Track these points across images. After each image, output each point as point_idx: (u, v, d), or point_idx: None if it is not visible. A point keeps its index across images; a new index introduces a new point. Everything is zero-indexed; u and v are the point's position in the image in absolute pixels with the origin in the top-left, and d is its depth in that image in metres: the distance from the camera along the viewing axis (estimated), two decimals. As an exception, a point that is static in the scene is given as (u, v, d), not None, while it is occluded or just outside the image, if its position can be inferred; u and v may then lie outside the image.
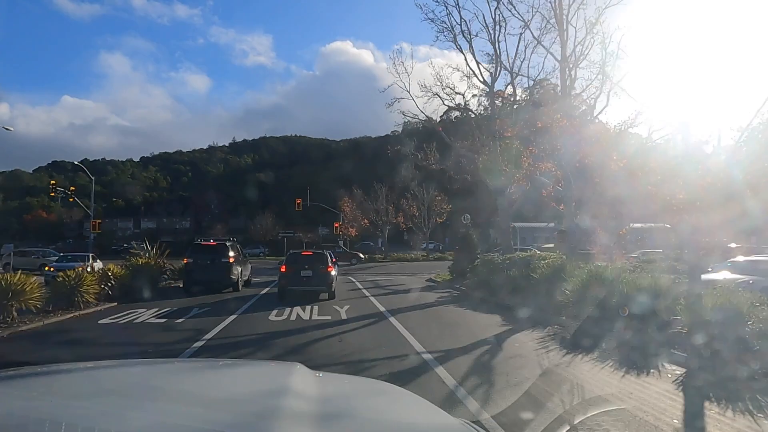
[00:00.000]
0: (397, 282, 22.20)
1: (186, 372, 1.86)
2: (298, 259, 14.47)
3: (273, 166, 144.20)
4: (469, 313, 11.94)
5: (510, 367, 6.50)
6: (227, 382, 1.70)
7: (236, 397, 1.42)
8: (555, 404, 4.81)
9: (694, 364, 6.31)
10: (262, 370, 1.98)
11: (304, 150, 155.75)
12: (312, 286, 13.93)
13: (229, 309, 12.28)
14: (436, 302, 14.26)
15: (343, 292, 16.64)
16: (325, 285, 13.94)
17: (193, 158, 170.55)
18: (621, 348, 7.27)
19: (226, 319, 10.56)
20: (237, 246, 18.50)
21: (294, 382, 1.52)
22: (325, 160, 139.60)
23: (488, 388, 5.58)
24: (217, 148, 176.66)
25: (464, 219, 21.76)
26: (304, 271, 13.88)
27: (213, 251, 16.78)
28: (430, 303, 14.06)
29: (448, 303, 14.03)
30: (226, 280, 16.44)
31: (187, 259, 16.74)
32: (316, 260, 14.28)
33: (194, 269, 16.29)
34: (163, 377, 1.70)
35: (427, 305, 13.50)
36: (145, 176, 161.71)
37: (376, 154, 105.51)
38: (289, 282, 13.87)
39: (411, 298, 15.02)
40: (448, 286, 19.05)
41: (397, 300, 14.70)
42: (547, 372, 6.21)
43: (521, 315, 10.36)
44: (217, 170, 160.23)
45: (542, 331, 9.06)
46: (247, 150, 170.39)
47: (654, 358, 6.64)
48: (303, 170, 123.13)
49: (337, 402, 1.45)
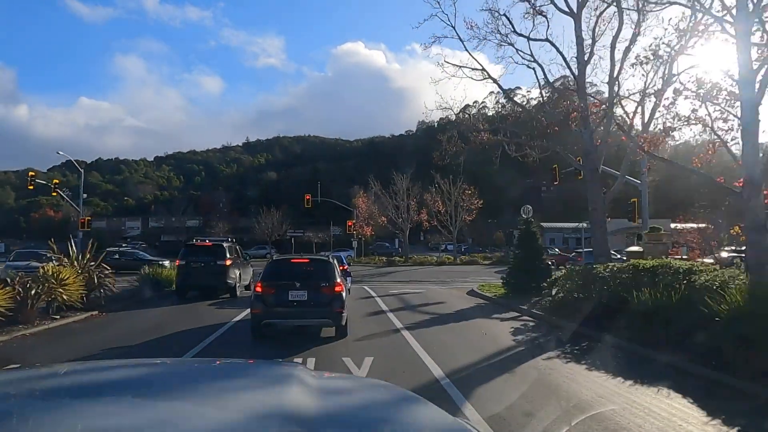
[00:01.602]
0: (433, 297, 16.38)
1: (186, 372, 1.82)
2: (285, 270, 8.75)
3: (286, 166, 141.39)
4: (620, 387, 6.00)
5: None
6: (227, 382, 1.65)
7: (236, 398, 1.38)
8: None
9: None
10: (262, 371, 1.87)
11: (317, 149, 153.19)
12: (307, 317, 8.24)
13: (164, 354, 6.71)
14: (522, 347, 8.34)
15: (359, 319, 10.95)
16: (331, 315, 8.22)
17: (206, 158, 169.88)
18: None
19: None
20: (236, 247, 17.01)
21: (294, 383, 1.47)
22: (339, 159, 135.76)
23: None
24: (230, 148, 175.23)
25: (525, 211, 15.81)
26: (294, 292, 8.12)
27: (208, 252, 15.39)
28: (512, 350, 8.12)
29: (543, 349, 8.12)
30: (221, 285, 14.93)
31: (179, 261, 15.43)
32: (314, 272, 8.55)
33: (187, 272, 14.97)
34: (162, 377, 1.66)
35: (512, 356, 7.57)
36: (158, 176, 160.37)
37: (392, 153, 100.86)
38: (269, 310, 8.14)
39: (474, 336, 9.17)
40: (511, 307, 13.16)
41: (452, 340, 8.89)
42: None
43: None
44: (230, 170, 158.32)
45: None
46: (260, 150, 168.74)
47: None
48: (316, 168, 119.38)
49: (337, 402, 1.44)
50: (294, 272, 8.48)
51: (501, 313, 12.49)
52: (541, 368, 6.81)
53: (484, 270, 33.91)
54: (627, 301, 8.59)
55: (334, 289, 8.20)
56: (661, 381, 5.89)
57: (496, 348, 8.17)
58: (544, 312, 11.65)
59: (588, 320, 9.52)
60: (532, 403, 5.17)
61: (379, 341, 8.58)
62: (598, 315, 9.43)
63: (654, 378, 6.05)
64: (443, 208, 41.37)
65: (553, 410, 4.93)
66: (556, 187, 68.16)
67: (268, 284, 8.19)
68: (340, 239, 55.29)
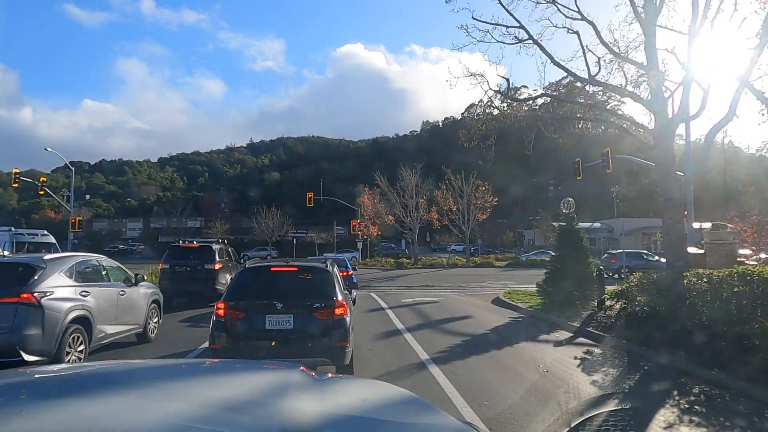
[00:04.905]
0: (454, 309, 13.71)
1: (186, 372, 1.82)
2: (261, 283, 5.90)
3: (290, 166, 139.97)
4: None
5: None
6: (226, 382, 1.60)
7: (235, 398, 1.36)
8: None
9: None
10: (262, 371, 1.84)
11: (321, 150, 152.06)
12: (293, 355, 5.11)
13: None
14: (612, 398, 5.61)
15: (368, 344, 8.34)
16: (329, 351, 5.41)
17: (210, 159, 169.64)
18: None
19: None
20: (227, 249, 15.55)
21: (294, 384, 1.49)
22: (343, 159, 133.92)
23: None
24: (234, 149, 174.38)
25: (566, 205, 13.09)
26: (273, 317, 5.39)
27: (195, 256, 13.93)
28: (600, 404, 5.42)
29: (644, 399, 5.43)
30: (210, 292, 13.14)
31: (162, 264, 14.09)
32: (305, 287, 5.75)
33: (171, 277, 13.49)
34: (162, 378, 1.62)
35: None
36: (161, 177, 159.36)
37: (396, 153, 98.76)
38: (235, 346, 5.33)
39: (531, 374, 6.45)
40: (557, 325, 10.47)
41: (501, 383, 6.25)
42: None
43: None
44: (234, 171, 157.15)
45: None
46: (264, 150, 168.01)
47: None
48: (320, 168, 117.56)
49: (337, 403, 1.43)
50: (274, 287, 5.73)
51: (547, 332, 9.80)
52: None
53: (500, 273, 31.23)
54: (755, 329, 5.91)
55: (334, 312, 5.50)
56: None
57: (570, 397, 5.52)
58: (606, 333, 8.96)
59: (687, 351, 6.85)
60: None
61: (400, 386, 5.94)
62: (700, 344, 6.77)
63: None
64: (455, 206, 38.57)
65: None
66: (563, 186, 65.33)
67: (235, 305, 5.50)
68: (344, 240, 52.68)
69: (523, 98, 12.11)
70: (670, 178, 9.30)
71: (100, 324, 6.86)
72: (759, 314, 5.85)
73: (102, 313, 6.91)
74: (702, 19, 9.07)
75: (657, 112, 9.47)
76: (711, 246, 12.46)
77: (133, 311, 7.92)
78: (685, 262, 9.44)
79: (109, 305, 7.18)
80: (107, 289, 7.31)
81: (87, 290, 6.74)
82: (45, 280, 6.15)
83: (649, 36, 9.55)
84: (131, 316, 7.83)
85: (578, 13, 10.75)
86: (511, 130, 13.75)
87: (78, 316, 6.35)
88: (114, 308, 7.31)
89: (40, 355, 5.77)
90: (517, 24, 10.74)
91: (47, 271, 6.26)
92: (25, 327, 5.70)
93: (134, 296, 8.00)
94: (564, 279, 12.30)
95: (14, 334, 5.63)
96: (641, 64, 10.00)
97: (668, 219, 9.42)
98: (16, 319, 5.70)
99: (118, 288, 7.61)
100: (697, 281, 7.68)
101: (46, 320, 5.86)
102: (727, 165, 33.83)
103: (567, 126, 12.13)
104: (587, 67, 11.17)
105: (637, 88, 10.77)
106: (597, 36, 10.60)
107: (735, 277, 7.37)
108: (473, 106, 17.23)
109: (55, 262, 6.55)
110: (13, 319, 5.69)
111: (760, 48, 8.48)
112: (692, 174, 10.62)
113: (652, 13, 9.50)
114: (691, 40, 9.11)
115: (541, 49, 10.76)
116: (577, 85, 12.39)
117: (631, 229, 44.80)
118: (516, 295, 15.43)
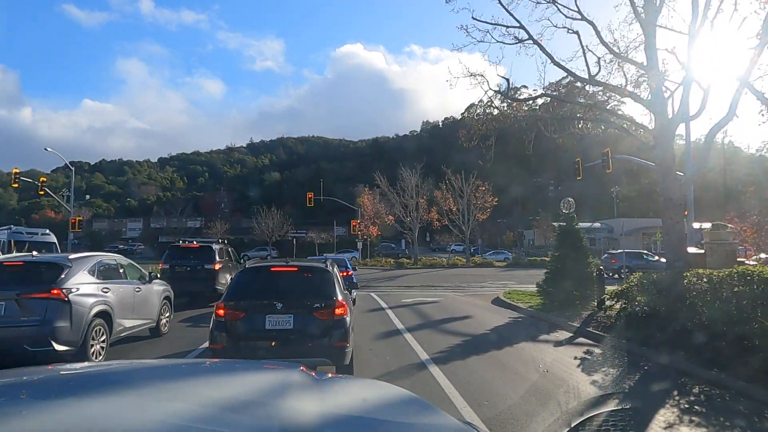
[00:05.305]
0: (454, 309, 13.72)
1: (187, 372, 1.80)
2: (261, 283, 5.87)
3: (290, 166, 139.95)
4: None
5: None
6: (226, 382, 1.60)
7: (235, 398, 1.36)
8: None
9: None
10: (262, 371, 1.83)
11: (321, 150, 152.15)
12: (294, 355, 5.12)
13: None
14: (612, 398, 5.61)
15: (368, 344, 8.34)
16: (330, 351, 5.40)
17: (210, 159, 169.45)
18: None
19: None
20: (227, 249, 15.52)
21: (294, 384, 1.48)
22: (343, 159, 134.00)
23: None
24: (234, 149, 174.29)
25: (566, 205, 13.09)
26: (273, 317, 5.43)
27: (195, 256, 13.96)
28: (601, 404, 5.42)
29: (644, 398, 5.43)
30: (209, 292, 13.14)
31: (162, 264, 13.96)
32: (305, 287, 5.78)
33: (171, 277, 12.76)
34: (163, 378, 1.61)
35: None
36: (161, 177, 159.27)
37: (396, 153, 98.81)
38: (236, 346, 5.35)
39: (531, 374, 6.45)
40: (557, 325, 10.48)
41: (501, 382, 6.25)
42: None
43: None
44: (234, 171, 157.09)
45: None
46: (264, 150, 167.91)
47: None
48: (320, 168, 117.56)
49: (337, 403, 1.43)
50: (274, 287, 5.76)
51: (547, 333, 9.80)
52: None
53: (500, 273, 31.24)
54: (755, 329, 5.92)
55: (334, 312, 5.51)
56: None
57: (570, 397, 5.53)
58: (606, 333, 8.96)
59: (687, 351, 6.85)
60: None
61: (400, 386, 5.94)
62: (700, 344, 6.78)
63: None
64: (455, 207, 38.58)
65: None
66: (564, 186, 65.25)
67: (235, 305, 5.52)
68: (345, 240, 52.69)
69: (523, 98, 12.15)
70: (670, 178, 9.30)
71: (119, 318, 7.34)
72: (759, 314, 5.85)
73: (121, 308, 7.38)
74: (702, 19, 9.07)
75: (657, 112, 9.47)
76: (711, 246, 12.45)
77: (148, 306, 8.38)
78: (685, 262, 9.44)
79: (126, 301, 7.65)
80: (125, 286, 7.76)
81: (107, 287, 7.21)
82: (71, 277, 6.57)
83: (649, 36, 9.55)
84: (146, 311, 8.31)
85: (578, 13, 10.75)
86: (511, 130, 13.77)
87: (100, 310, 6.82)
88: (131, 304, 7.78)
89: (68, 346, 6.19)
90: (517, 24, 10.75)
91: (73, 269, 6.67)
92: (55, 320, 6.11)
93: (148, 293, 8.45)
94: (564, 279, 12.30)
95: (46, 327, 6.06)
96: (641, 64, 10.00)
97: (668, 219, 9.42)
98: (47, 313, 6.11)
99: (134, 285, 8.10)
100: (697, 281, 7.68)
101: (74, 314, 6.29)
102: (727, 165, 33.87)
103: (567, 126, 12.13)
104: (587, 67, 11.16)
105: (637, 88, 10.78)
106: (597, 36, 10.61)
107: (735, 277, 7.37)
108: (473, 106, 17.50)
109: (79, 261, 7.00)
110: (45, 313, 6.10)
111: (760, 48, 8.49)
112: (692, 174, 10.64)
113: (652, 13, 9.50)
114: (691, 40, 9.12)
115: (541, 49, 10.76)
116: (577, 85, 12.40)
117: (631, 229, 44.78)
118: (516, 295, 15.43)
